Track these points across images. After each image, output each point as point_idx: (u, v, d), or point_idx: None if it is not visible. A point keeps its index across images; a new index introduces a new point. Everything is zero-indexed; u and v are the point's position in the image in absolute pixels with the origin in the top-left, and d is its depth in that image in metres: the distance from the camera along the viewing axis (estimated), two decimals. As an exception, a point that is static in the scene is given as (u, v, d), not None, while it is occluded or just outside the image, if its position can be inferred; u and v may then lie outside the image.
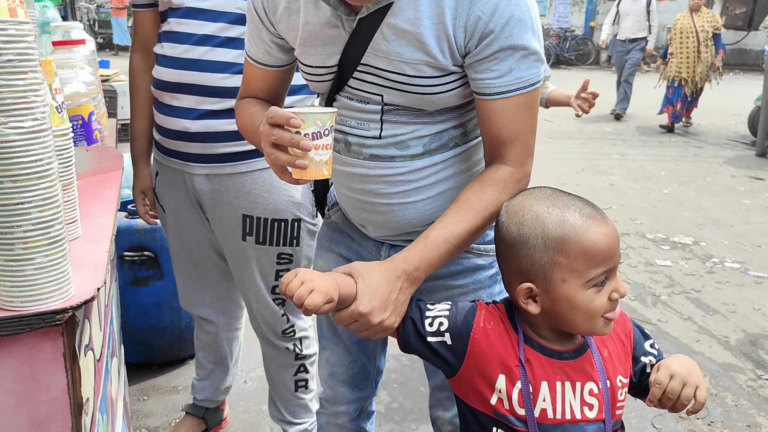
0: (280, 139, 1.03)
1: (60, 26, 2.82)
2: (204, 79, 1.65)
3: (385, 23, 1.12)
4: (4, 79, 0.75)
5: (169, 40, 1.70)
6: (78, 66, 2.24)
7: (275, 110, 1.04)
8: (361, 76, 1.19)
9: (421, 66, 1.12)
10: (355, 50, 1.16)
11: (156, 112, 1.81)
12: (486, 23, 1.08)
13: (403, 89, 1.15)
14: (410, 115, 1.20)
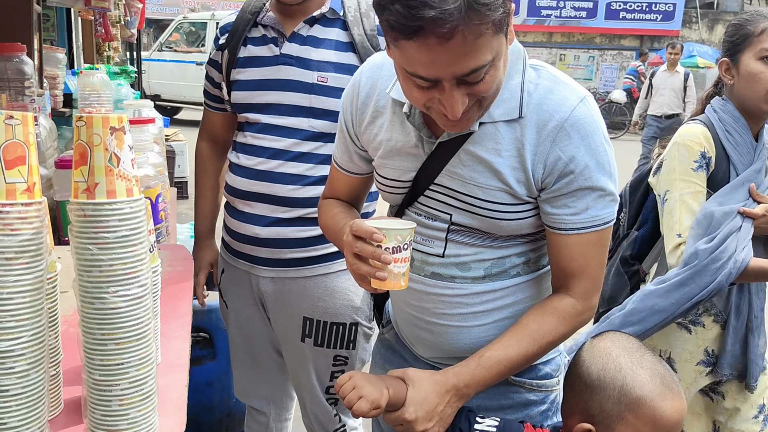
0: (363, 252, 1.09)
1: (132, 104, 2.98)
2: (276, 190, 1.73)
3: (464, 149, 1.17)
4: (117, 253, 0.81)
5: (244, 151, 1.79)
6: (148, 148, 2.37)
7: (360, 224, 1.10)
8: (433, 194, 1.23)
9: (494, 192, 1.16)
10: (431, 170, 1.21)
11: (227, 215, 1.89)
12: (566, 164, 1.12)
13: (474, 211, 1.19)
14: (475, 237, 1.23)
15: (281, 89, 1.72)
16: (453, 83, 1.00)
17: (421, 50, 0.96)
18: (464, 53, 0.96)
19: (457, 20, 0.91)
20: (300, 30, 1.73)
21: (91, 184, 0.79)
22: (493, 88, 1.05)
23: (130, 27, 4.88)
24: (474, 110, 1.08)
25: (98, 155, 0.78)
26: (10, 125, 0.73)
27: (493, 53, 1.00)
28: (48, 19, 3.82)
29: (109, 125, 0.78)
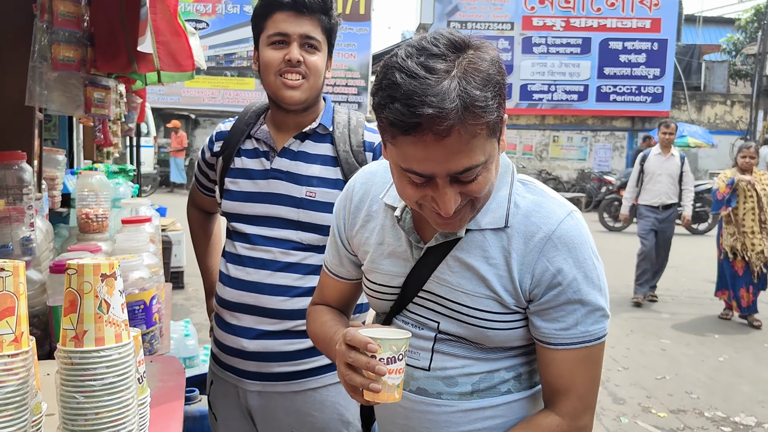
0: (356, 362, 1.07)
1: (130, 203, 3.02)
2: (264, 301, 1.73)
3: (452, 255, 1.17)
4: (103, 401, 0.80)
5: (233, 261, 1.80)
6: (143, 248, 2.37)
7: (354, 333, 1.07)
8: (421, 301, 1.22)
9: (482, 299, 1.15)
10: (419, 276, 1.21)
11: (216, 327, 1.88)
12: (554, 275, 1.12)
13: (461, 319, 1.17)
14: (463, 348, 1.21)
15: (271, 202, 1.75)
16: (446, 180, 1.02)
17: (418, 146, 0.99)
18: (459, 151, 0.99)
19: (454, 119, 0.95)
20: (290, 145, 1.77)
21: (79, 332, 0.78)
22: (485, 189, 1.07)
23: (129, 122, 4.99)
24: (466, 210, 1.09)
25: (88, 303, 0.78)
26: (1, 277, 0.73)
27: (486, 155, 1.03)
28: (50, 120, 3.92)
29: (100, 272, 0.79)
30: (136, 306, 2.02)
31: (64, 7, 2.41)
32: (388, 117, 0.98)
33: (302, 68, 1.70)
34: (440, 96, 0.94)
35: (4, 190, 2.31)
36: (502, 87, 1.03)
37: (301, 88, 1.71)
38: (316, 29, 1.71)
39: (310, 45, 1.71)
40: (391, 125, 0.99)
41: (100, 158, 4.37)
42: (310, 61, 1.71)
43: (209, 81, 15.93)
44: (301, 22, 1.69)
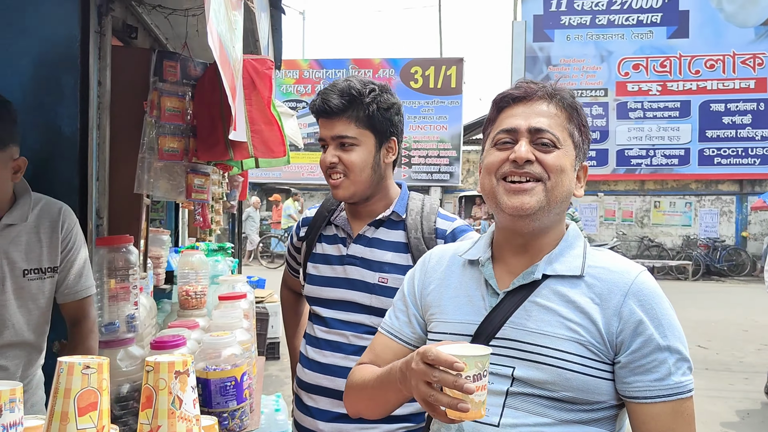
0: (443, 381, 1.05)
1: (227, 280, 3.17)
2: (338, 384, 1.77)
3: (529, 301, 1.20)
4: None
5: (311, 344, 1.86)
6: (236, 325, 2.47)
7: (437, 352, 1.06)
8: (494, 349, 1.19)
9: (564, 341, 1.16)
10: (493, 323, 1.23)
11: (295, 408, 1.93)
12: (640, 319, 1.15)
13: (540, 361, 1.17)
14: (538, 404, 1.17)
15: (346, 287, 1.81)
16: (526, 138, 1.22)
17: (509, 111, 1.27)
18: (541, 114, 1.24)
19: (543, 95, 1.26)
20: (365, 232, 1.84)
21: (154, 427, 0.84)
22: (556, 168, 1.21)
23: (231, 199, 5.27)
24: (539, 190, 1.20)
25: (162, 399, 0.84)
26: (87, 374, 0.80)
27: (562, 140, 1.24)
28: (158, 202, 4.23)
29: (174, 369, 0.84)
30: (228, 382, 2.10)
31: (171, 103, 2.65)
32: (497, 99, 1.29)
33: (340, 167, 1.79)
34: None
35: (113, 271, 2.50)
36: (580, 116, 1.29)
37: (343, 185, 1.79)
38: (348, 127, 1.79)
39: (343, 144, 1.79)
40: (496, 104, 1.29)
41: (202, 236, 4.63)
42: (346, 159, 1.79)
43: (308, 156, 16.63)
44: (332, 126, 1.80)
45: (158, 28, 3.20)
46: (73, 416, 0.80)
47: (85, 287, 2.07)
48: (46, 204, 1.99)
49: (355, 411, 1.43)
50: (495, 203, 1.25)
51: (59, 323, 2.10)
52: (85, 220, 2.36)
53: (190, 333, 2.45)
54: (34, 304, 1.96)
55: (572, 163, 1.25)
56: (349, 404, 1.44)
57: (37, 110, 2.32)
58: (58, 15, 2.35)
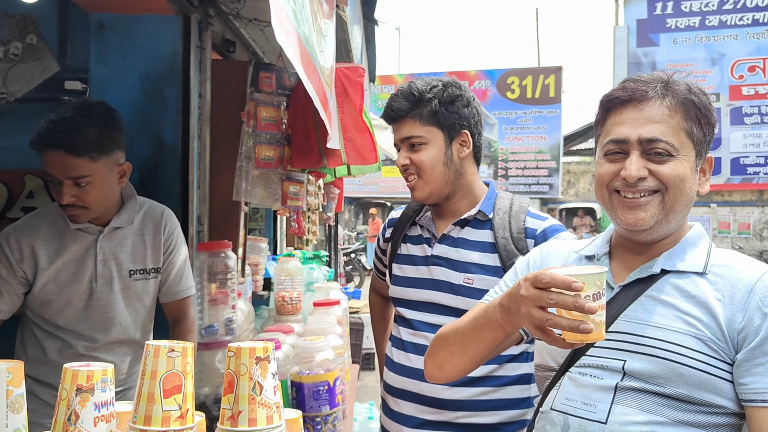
0: (560, 303, 1.00)
1: (322, 287, 3.22)
2: (424, 389, 1.73)
3: (646, 295, 1.15)
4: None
5: (397, 346, 1.85)
6: (330, 330, 2.50)
7: (552, 274, 1.01)
8: (605, 342, 1.15)
9: (680, 335, 1.09)
10: (607, 316, 1.14)
11: (382, 412, 1.91)
12: (765, 314, 1.07)
13: (653, 353, 1.10)
14: (649, 400, 1.10)
15: (431, 288, 1.78)
16: (637, 150, 1.16)
17: (617, 116, 1.19)
18: (652, 119, 1.16)
19: (654, 94, 1.17)
20: (450, 232, 1.80)
21: (235, 412, 0.84)
22: (673, 180, 1.15)
23: (327, 211, 5.37)
24: (654, 204, 1.14)
25: (243, 384, 0.84)
26: (171, 357, 0.82)
27: (681, 149, 1.15)
28: (258, 211, 4.37)
29: (255, 355, 0.84)
30: (321, 386, 2.12)
31: (267, 113, 2.73)
32: (603, 100, 1.23)
33: (412, 168, 1.79)
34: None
35: (213, 275, 2.59)
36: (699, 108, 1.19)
37: (417, 186, 1.79)
38: (413, 127, 1.79)
39: (412, 144, 1.80)
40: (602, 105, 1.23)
41: (300, 245, 4.74)
42: (415, 158, 1.79)
43: (403, 170, 16.73)
44: (399, 128, 1.82)
45: (255, 42, 3.31)
46: (159, 398, 0.82)
47: (185, 288, 2.15)
48: (149, 207, 2.09)
49: (438, 365, 1.35)
50: (611, 214, 1.23)
51: (161, 323, 2.19)
52: (186, 226, 2.46)
53: (285, 337, 2.49)
54: (140, 303, 2.05)
55: (693, 166, 1.18)
56: (432, 359, 1.38)
57: (143, 121, 2.45)
58: (162, 32, 2.47)
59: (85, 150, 1.78)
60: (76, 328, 1.95)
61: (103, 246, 1.96)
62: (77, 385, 0.83)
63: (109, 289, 1.98)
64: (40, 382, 1.92)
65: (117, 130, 1.90)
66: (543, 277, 1.02)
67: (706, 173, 1.24)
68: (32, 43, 2.52)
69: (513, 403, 1.71)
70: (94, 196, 1.84)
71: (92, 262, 1.94)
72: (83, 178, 1.80)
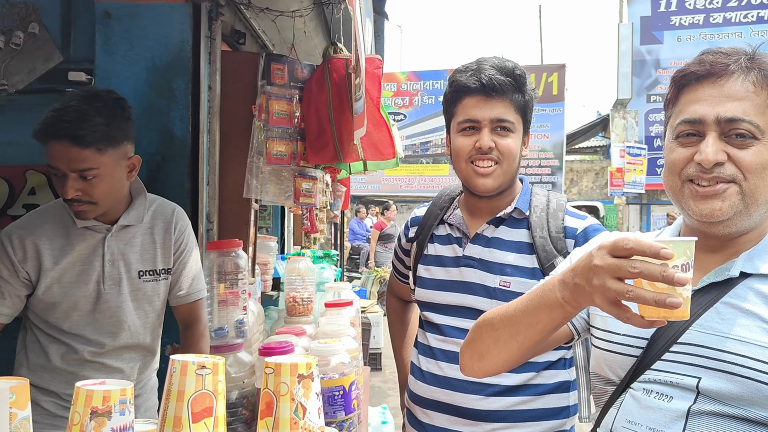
0: (646, 273, 0.86)
1: (333, 287, 3.11)
2: (457, 399, 1.61)
3: (723, 302, 1.01)
4: None
5: (425, 354, 1.73)
6: (344, 332, 2.39)
7: (636, 239, 0.88)
8: (675, 356, 1.03)
9: (766, 351, 0.95)
10: (676, 326, 1.03)
11: (407, 423, 1.79)
12: None
13: (733, 371, 0.96)
14: (728, 427, 0.97)
15: (463, 291, 1.66)
16: (715, 132, 1.03)
17: (691, 94, 1.07)
18: (734, 95, 1.03)
19: (736, 68, 1.04)
20: (484, 231, 1.68)
21: (275, 439, 0.72)
22: (756, 169, 1.01)
23: (334, 209, 5.27)
24: (732, 193, 1.01)
25: (284, 406, 0.72)
26: (201, 375, 0.70)
27: (765, 130, 1.02)
28: (265, 209, 4.26)
29: (297, 373, 0.73)
30: (336, 392, 2.01)
31: (279, 106, 2.62)
32: (677, 76, 1.10)
33: (494, 154, 1.62)
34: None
35: (223, 276, 2.48)
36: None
37: (494, 174, 1.63)
38: (508, 111, 1.63)
39: (503, 128, 1.63)
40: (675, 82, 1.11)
41: (307, 244, 4.64)
42: (503, 145, 1.62)
43: (406, 169, 16.63)
44: (492, 106, 1.62)
45: (265, 34, 3.20)
46: (187, 422, 0.70)
47: (197, 290, 2.04)
48: (159, 205, 1.97)
49: (479, 353, 1.19)
50: (681, 206, 1.08)
51: (172, 327, 2.08)
52: (195, 223, 2.36)
53: (297, 340, 2.39)
54: (150, 306, 1.94)
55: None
56: (471, 348, 1.21)
57: (150, 113, 2.34)
58: (170, 21, 2.36)
59: (91, 141, 1.66)
60: (82, 333, 1.83)
61: (111, 245, 1.84)
62: (92, 408, 0.71)
63: (118, 291, 1.86)
64: (43, 390, 1.80)
65: (126, 120, 1.78)
66: (626, 242, 0.88)
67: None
68: (34, 32, 2.40)
69: (552, 413, 1.60)
70: (101, 190, 1.72)
71: (100, 263, 1.83)
72: (89, 171, 1.68)
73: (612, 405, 1.11)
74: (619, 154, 14.78)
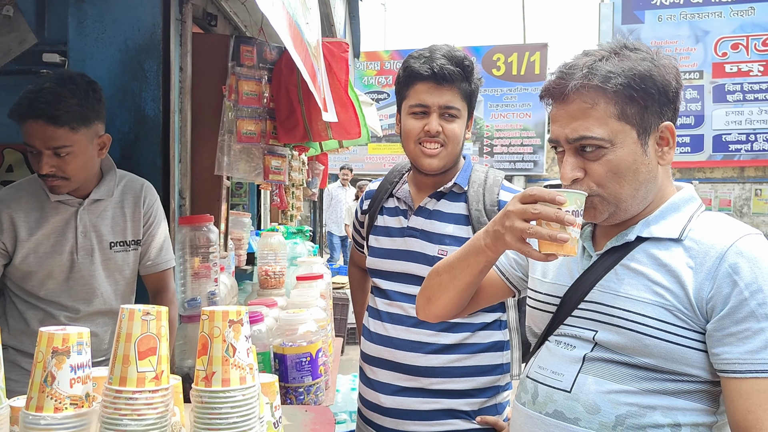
0: (543, 214, 1.07)
1: (305, 261, 3.23)
2: (399, 357, 1.77)
3: (621, 264, 1.16)
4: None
5: (373, 316, 1.88)
6: (312, 303, 2.53)
7: (538, 189, 1.10)
8: (580, 312, 1.20)
9: (649, 305, 1.10)
10: (583, 285, 1.20)
11: (360, 381, 1.95)
12: (735, 281, 1.05)
13: (622, 325, 1.12)
14: (616, 371, 1.13)
15: (406, 260, 1.80)
16: (570, 149, 1.17)
17: (552, 113, 1.23)
18: (577, 115, 1.15)
19: (572, 90, 1.17)
20: (426, 204, 1.82)
21: (209, 373, 0.86)
22: (613, 175, 1.14)
23: (312, 187, 5.36)
24: (598, 205, 1.16)
25: (216, 346, 0.86)
26: (146, 320, 0.84)
27: (618, 136, 1.14)
28: (242, 186, 4.37)
29: (228, 318, 0.87)
30: (303, 358, 2.15)
31: (248, 87, 2.73)
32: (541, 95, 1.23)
33: (441, 137, 1.76)
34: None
35: (195, 249, 2.60)
36: (642, 87, 1.13)
37: (440, 156, 1.77)
38: (455, 98, 1.77)
39: (450, 114, 1.77)
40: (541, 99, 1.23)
41: (284, 221, 4.74)
42: (449, 129, 1.77)
43: (389, 147, 16.70)
44: (441, 93, 1.76)
45: (237, 16, 3.28)
46: (133, 359, 0.84)
47: (165, 260, 2.16)
48: (129, 180, 2.10)
49: (427, 297, 1.42)
50: None
51: (143, 295, 2.21)
52: (168, 200, 2.46)
53: (268, 311, 2.52)
54: (120, 274, 2.07)
55: (634, 149, 1.14)
56: (423, 293, 1.44)
57: (123, 94, 2.44)
58: (142, 4, 2.45)
59: (65, 120, 1.78)
60: (58, 299, 1.97)
61: (83, 218, 1.97)
62: (53, 348, 0.85)
63: (90, 261, 1.99)
64: (22, 352, 1.93)
65: (97, 102, 1.90)
66: (531, 190, 1.10)
67: (669, 142, 1.18)
68: (8, 14, 2.48)
69: (486, 370, 1.76)
70: (74, 166, 1.85)
71: (73, 234, 1.95)
72: (63, 148, 1.81)
73: (533, 355, 1.29)
74: (599, 133, 14.89)
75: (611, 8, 16.28)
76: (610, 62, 1.15)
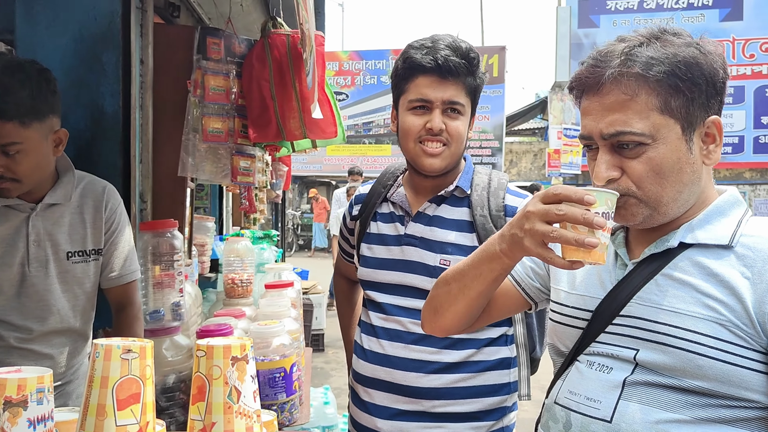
0: (569, 215, 0.93)
1: (273, 268, 3.06)
2: (398, 377, 1.62)
3: (662, 274, 1.03)
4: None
5: (367, 332, 1.72)
6: (285, 314, 2.36)
7: (564, 187, 0.95)
8: (617, 329, 1.05)
9: (700, 321, 0.97)
10: (619, 298, 1.05)
11: (351, 402, 1.79)
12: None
13: (668, 343, 0.98)
14: (662, 396, 0.99)
15: (404, 270, 1.66)
16: (605, 146, 1.06)
17: (584, 104, 1.12)
18: (614, 107, 1.03)
19: (609, 78, 1.05)
20: (426, 209, 1.68)
21: (207, 424, 0.69)
22: (648, 177, 1.02)
23: (276, 189, 5.19)
24: (633, 206, 1.05)
25: (217, 390, 0.69)
26: (127, 360, 0.66)
27: (660, 131, 1.01)
28: (203, 189, 4.15)
29: (231, 355, 0.70)
30: (277, 374, 1.98)
31: (215, 81, 2.54)
32: (571, 86, 1.12)
33: (444, 136, 1.61)
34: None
35: (158, 257, 2.40)
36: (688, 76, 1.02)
37: (442, 155, 1.62)
38: (460, 93, 1.62)
39: (454, 110, 1.62)
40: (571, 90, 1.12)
41: (247, 224, 4.55)
42: (453, 127, 1.62)
43: (349, 149, 16.57)
44: (445, 88, 1.60)
45: (201, 7, 3.09)
46: (111, 410, 0.66)
47: (129, 271, 1.96)
48: (89, 183, 1.89)
49: (434, 308, 1.28)
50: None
51: (105, 310, 2.00)
52: (128, 203, 2.27)
53: (236, 322, 2.34)
54: (79, 288, 1.86)
55: (677, 145, 1.02)
56: (429, 303, 1.30)
57: (78, 88, 2.23)
58: (98, -11, 2.25)
59: (14, 114, 1.57)
60: (8, 318, 1.74)
61: (36, 225, 1.75)
62: (5, 398, 0.66)
63: (45, 273, 1.77)
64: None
65: (52, 93, 1.69)
66: (555, 189, 0.96)
67: (716, 138, 1.06)
68: (-53, -2, 2.24)
69: (493, 390, 1.62)
70: (25, 166, 1.63)
71: (24, 243, 1.73)
72: (13, 145, 1.59)
73: (560, 377, 1.14)
74: (556, 135, 15.12)
75: (568, 12, 16.56)
76: (651, 48, 1.03)
